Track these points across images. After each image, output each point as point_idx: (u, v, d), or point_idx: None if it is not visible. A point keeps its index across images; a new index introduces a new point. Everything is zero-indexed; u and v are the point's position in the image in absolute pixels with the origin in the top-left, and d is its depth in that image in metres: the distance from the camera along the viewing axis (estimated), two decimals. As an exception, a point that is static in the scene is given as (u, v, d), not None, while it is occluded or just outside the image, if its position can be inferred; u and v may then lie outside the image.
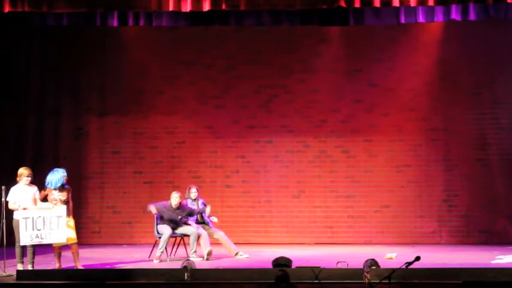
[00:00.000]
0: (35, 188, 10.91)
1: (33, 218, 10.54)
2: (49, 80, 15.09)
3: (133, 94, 15.12)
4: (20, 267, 10.64)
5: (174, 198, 12.28)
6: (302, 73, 14.88)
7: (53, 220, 10.57)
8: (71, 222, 10.95)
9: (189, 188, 12.66)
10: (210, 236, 12.38)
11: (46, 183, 10.94)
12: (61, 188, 10.92)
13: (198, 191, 12.64)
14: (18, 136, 14.95)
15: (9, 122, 14.84)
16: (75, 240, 10.98)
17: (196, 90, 15.05)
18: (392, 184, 14.66)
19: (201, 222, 12.56)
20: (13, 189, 10.82)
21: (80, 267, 10.97)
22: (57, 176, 10.91)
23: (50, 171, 11.02)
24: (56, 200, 10.84)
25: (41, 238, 10.57)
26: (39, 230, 10.54)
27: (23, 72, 15.00)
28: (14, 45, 14.71)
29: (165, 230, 12.12)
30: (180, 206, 12.30)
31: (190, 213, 12.38)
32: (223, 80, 15.02)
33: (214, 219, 12.53)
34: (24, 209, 10.65)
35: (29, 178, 10.82)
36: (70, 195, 11.01)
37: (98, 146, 15.13)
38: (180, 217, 12.22)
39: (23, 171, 10.84)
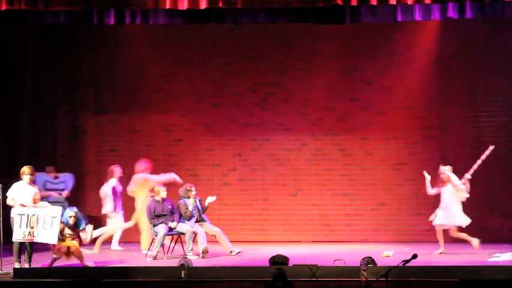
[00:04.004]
0: (35, 190, 10.93)
1: (28, 215, 10.56)
2: (45, 78, 15.05)
3: (129, 92, 15.10)
4: (17, 265, 10.65)
5: (162, 192, 12.37)
6: (298, 71, 14.87)
7: (47, 219, 10.58)
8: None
9: (189, 187, 12.64)
10: (207, 233, 12.40)
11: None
12: (72, 227, 10.99)
13: (195, 190, 12.65)
14: (13, 134, 14.90)
15: (5, 119, 14.78)
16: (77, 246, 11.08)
17: (193, 88, 15.03)
18: (389, 182, 14.68)
19: (200, 220, 12.57)
20: (14, 186, 10.85)
21: (87, 264, 10.99)
22: (65, 213, 10.99)
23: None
24: (65, 235, 10.94)
25: (33, 236, 10.57)
26: (32, 228, 10.54)
27: (19, 70, 14.96)
28: (10, 43, 14.66)
29: (160, 229, 12.14)
30: (164, 200, 12.34)
31: (172, 212, 12.43)
32: (219, 78, 15.00)
33: (212, 198, 12.65)
34: (22, 205, 10.65)
35: (30, 177, 10.83)
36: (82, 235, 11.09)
37: (95, 144, 15.11)
38: (165, 213, 12.26)
39: (25, 170, 10.89)
